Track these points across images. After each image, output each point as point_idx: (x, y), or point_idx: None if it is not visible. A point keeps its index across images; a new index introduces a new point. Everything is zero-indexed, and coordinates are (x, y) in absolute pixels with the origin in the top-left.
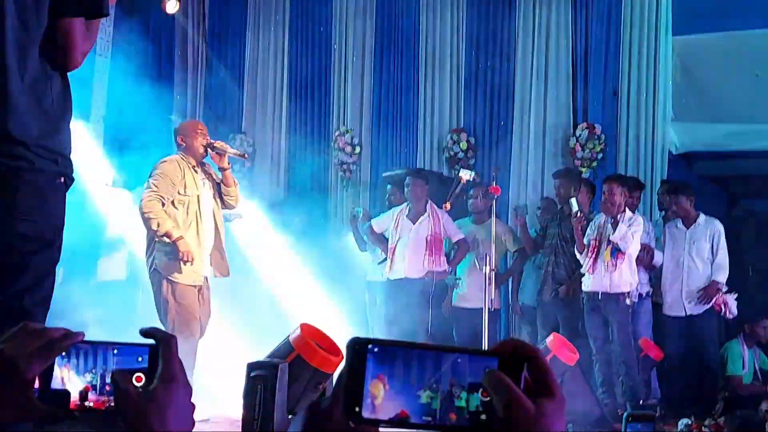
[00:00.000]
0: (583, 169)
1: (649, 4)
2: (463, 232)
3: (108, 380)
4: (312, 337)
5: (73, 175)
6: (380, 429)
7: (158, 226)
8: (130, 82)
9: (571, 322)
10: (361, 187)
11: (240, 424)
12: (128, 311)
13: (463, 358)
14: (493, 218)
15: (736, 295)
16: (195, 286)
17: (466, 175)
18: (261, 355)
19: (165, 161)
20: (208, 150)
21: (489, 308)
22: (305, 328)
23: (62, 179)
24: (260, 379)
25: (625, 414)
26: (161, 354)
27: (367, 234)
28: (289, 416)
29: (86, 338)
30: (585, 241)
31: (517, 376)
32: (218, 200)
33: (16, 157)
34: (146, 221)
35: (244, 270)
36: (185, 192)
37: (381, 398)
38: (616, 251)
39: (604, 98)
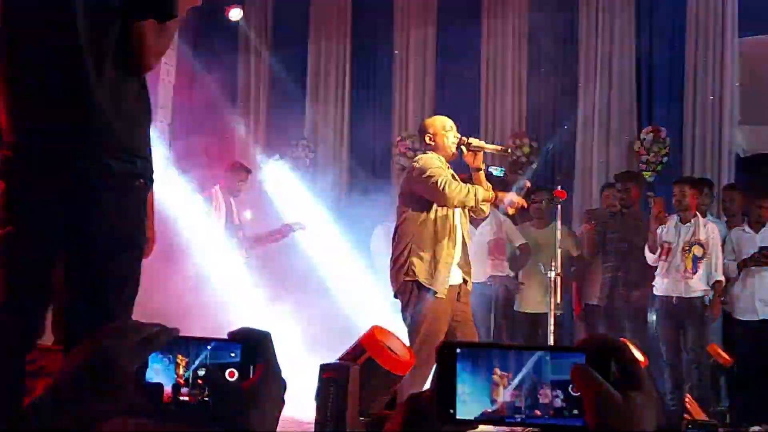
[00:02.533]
0: (648, 173)
1: (715, 6)
2: (524, 236)
3: (201, 374)
4: (383, 340)
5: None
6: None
7: (475, 193)
8: (195, 89)
9: (638, 326)
10: None
11: (306, 425)
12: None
13: (550, 356)
14: (558, 222)
15: None
16: (444, 298)
17: (494, 170)
18: (330, 357)
19: (426, 155)
20: (462, 148)
21: (555, 313)
22: (376, 330)
23: (141, 181)
24: (332, 381)
25: (685, 422)
26: (261, 350)
27: None
28: (361, 418)
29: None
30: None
31: (606, 371)
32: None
33: (93, 161)
34: (464, 198)
35: (309, 274)
36: None
37: (474, 396)
38: (697, 259)
39: (669, 101)
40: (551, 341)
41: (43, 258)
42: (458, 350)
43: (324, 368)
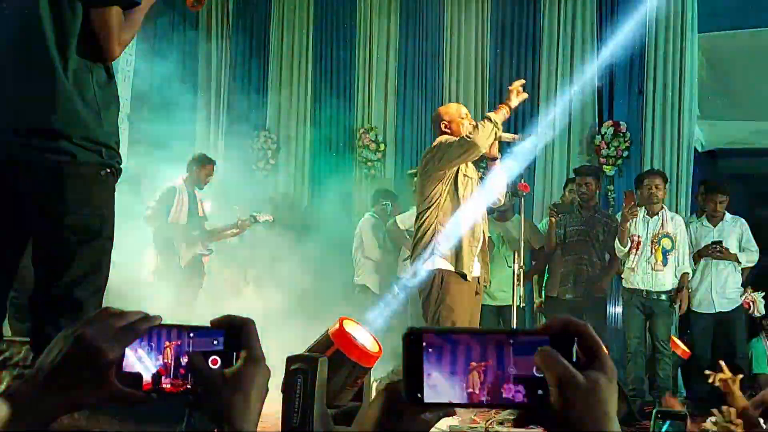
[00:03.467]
0: (608, 167)
1: (675, 2)
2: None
3: (183, 363)
4: (351, 332)
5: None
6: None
7: (494, 125)
8: (154, 79)
9: (598, 318)
10: (384, 184)
11: (271, 417)
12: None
13: (514, 340)
14: (522, 215)
15: (763, 293)
16: (470, 282)
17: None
18: (295, 349)
19: (443, 137)
20: None
21: (517, 305)
22: (344, 322)
23: (108, 170)
24: (300, 373)
25: (654, 411)
26: (244, 337)
27: (391, 230)
28: (328, 410)
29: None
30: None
31: (569, 352)
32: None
33: (59, 151)
34: (489, 132)
35: (269, 265)
36: (466, 172)
37: (442, 381)
38: (667, 252)
39: (629, 96)
40: None
41: (8, 247)
42: (424, 336)
43: (291, 360)
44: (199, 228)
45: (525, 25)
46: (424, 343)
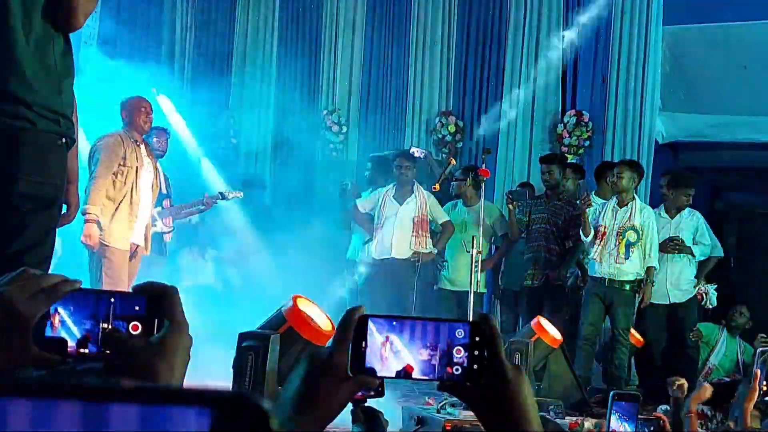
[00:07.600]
0: (570, 156)
1: None
2: (451, 214)
3: (103, 329)
4: (304, 310)
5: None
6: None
7: (88, 206)
8: (118, 58)
9: (556, 306)
10: (347, 167)
11: None
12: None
13: (449, 326)
14: (482, 201)
15: (716, 285)
16: (124, 251)
17: (417, 152)
18: (247, 327)
19: (107, 136)
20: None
21: (475, 291)
22: (297, 300)
23: (63, 140)
24: (251, 350)
25: (611, 392)
26: (166, 303)
27: (352, 213)
28: (278, 387)
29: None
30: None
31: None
32: (159, 180)
33: (18, 117)
34: (87, 197)
35: (232, 246)
36: (124, 164)
37: (387, 357)
38: (630, 245)
39: (593, 86)
40: (471, 319)
41: None
42: (370, 318)
43: (243, 336)
44: (161, 204)
45: (492, 12)
46: (372, 325)
